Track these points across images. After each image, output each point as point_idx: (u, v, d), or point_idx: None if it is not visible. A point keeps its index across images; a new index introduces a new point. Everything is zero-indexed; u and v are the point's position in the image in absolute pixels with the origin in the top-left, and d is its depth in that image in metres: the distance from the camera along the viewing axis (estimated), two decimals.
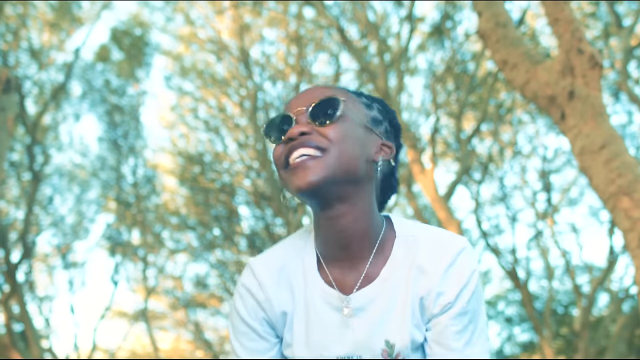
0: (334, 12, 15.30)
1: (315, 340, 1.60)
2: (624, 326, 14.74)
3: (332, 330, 1.59)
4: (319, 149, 1.50)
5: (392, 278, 1.59)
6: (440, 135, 16.97)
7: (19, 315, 15.42)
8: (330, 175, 1.49)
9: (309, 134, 1.52)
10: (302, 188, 1.48)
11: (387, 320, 1.57)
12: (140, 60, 19.68)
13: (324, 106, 1.55)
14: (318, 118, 1.54)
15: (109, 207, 21.04)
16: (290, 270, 1.65)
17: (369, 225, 1.58)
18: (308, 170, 1.48)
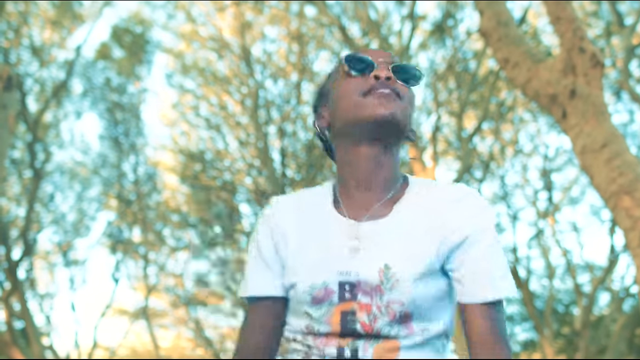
0: (335, 10, 15.31)
1: (317, 257, 1.66)
2: (624, 325, 14.74)
3: (335, 251, 1.64)
4: (398, 95, 1.66)
5: (403, 212, 1.67)
6: (442, 133, 16.97)
7: (19, 313, 15.44)
8: (402, 119, 1.66)
9: (393, 82, 1.67)
10: (386, 115, 1.62)
11: (393, 248, 1.62)
12: (141, 57, 19.68)
13: (405, 69, 1.71)
14: (398, 75, 1.69)
15: (110, 204, 21.05)
16: (306, 204, 1.76)
17: (392, 175, 1.71)
18: (394, 104, 1.64)
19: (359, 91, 1.65)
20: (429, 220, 1.65)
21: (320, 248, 1.66)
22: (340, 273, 1.61)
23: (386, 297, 1.57)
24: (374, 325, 1.57)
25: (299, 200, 1.78)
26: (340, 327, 1.58)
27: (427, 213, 1.66)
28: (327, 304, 1.60)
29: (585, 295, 17.61)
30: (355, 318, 1.58)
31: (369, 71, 1.67)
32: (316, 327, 1.61)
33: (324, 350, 1.60)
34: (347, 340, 1.59)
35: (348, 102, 1.67)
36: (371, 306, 1.58)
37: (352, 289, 1.59)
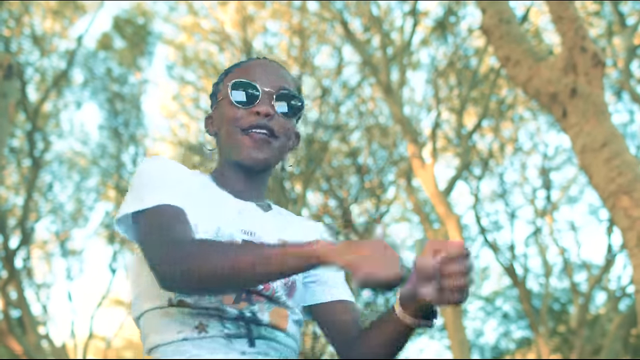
0: (337, 5, 15.29)
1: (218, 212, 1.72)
2: (620, 325, 14.76)
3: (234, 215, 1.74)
4: (273, 134, 1.76)
5: (280, 214, 1.88)
6: (441, 130, 16.97)
7: (16, 302, 15.45)
8: (275, 157, 1.80)
9: (272, 119, 1.76)
10: (258, 160, 1.75)
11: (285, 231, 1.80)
12: (142, 49, 19.66)
13: (288, 98, 1.80)
14: (280, 105, 1.79)
15: (108, 195, 21.05)
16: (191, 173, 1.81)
17: (263, 192, 1.87)
18: (267, 150, 1.76)
19: (238, 126, 1.76)
20: (299, 228, 1.86)
21: (217, 206, 1.74)
22: (244, 232, 1.71)
23: None
24: (270, 284, 1.66)
25: (184, 167, 1.81)
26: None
27: (296, 223, 1.88)
28: None
29: (582, 294, 17.64)
30: None
31: (252, 102, 1.77)
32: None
33: (223, 310, 1.60)
34: (243, 304, 1.62)
35: (227, 134, 1.79)
36: None
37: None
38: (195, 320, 1.60)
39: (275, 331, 1.66)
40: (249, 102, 1.77)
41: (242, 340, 1.60)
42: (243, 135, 1.76)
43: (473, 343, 23.64)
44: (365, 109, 17.75)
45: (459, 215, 14.25)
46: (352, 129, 17.67)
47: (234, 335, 1.60)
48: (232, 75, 1.83)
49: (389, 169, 18.19)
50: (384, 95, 14.28)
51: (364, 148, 17.81)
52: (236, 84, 1.78)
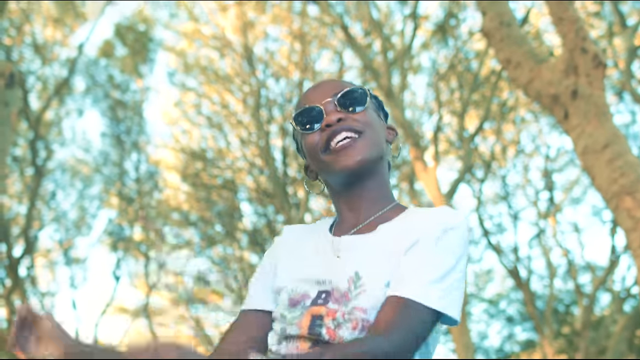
0: (337, 9, 15.30)
1: (302, 269, 1.74)
2: (625, 326, 14.74)
3: (317, 263, 1.72)
4: (357, 131, 1.70)
5: (385, 231, 1.70)
6: (443, 133, 16.97)
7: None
8: (370, 154, 1.71)
9: (345, 120, 1.71)
10: (352, 166, 1.68)
11: (366, 259, 1.65)
12: (143, 56, 19.69)
13: (350, 96, 1.75)
14: (346, 106, 1.73)
15: (111, 202, 21.06)
16: (310, 229, 1.86)
17: (380, 194, 1.78)
18: (355, 150, 1.69)
19: (319, 149, 1.73)
20: (406, 237, 1.64)
21: (306, 262, 1.75)
22: (318, 282, 1.68)
23: (351, 303, 1.60)
24: (337, 332, 1.58)
25: (307, 227, 1.87)
26: (307, 330, 1.61)
27: (406, 232, 1.66)
28: (300, 307, 1.66)
29: (586, 296, 17.61)
30: (322, 323, 1.60)
31: (320, 120, 1.73)
32: (288, 330, 1.65)
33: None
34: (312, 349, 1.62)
35: (315, 162, 1.77)
36: (336, 312, 1.60)
37: (326, 296, 1.64)
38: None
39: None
40: (317, 122, 1.74)
41: None
42: (327, 154, 1.72)
43: (478, 346, 23.60)
44: None
45: None
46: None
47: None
48: (294, 111, 1.82)
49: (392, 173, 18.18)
50: (385, 99, 14.27)
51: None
52: (297, 115, 1.77)
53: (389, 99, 13.72)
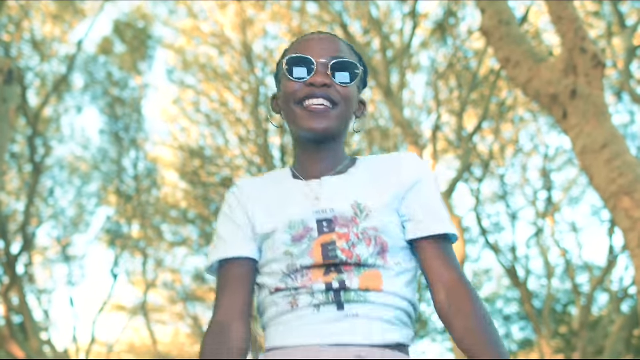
0: (337, 7, 15.29)
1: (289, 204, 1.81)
2: (622, 326, 14.74)
3: (305, 199, 1.81)
4: (333, 102, 1.82)
5: (358, 172, 1.87)
6: (442, 132, 16.96)
7: (18, 307, 15.44)
8: (337, 125, 1.84)
9: (329, 87, 1.81)
10: (315, 130, 1.81)
11: (358, 189, 1.80)
12: (142, 53, 19.68)
13: (344, 67, 1.85)
14: (337, 74, 1.83)
15: (109, 200, 21.05)
16: (268, 179, 1.95)
17: (340, 155, 1.91)
18: (325, 118, 1.81)
19: (295, 99, 1.83)
20: (382, 174, 1.85)
21: (289, 200, 1.82)
22: (316, 212, 1.76)
23: (361, 225, 1.73)
24: (353, 251, 1.70)
25: (261, 179, 1.96)
26: (322, 257, 1.70)
27: (379, 170, 1.86)
28: (307, 240, 1.73)
29: (584, 296, 17.63)
30: (335, 247, 1.71)
31: (309, 74, 1.83)
32: (298, 263, 1.71)
33: (312, 288, 1.69)
34: (332, 275, 1.69)
35: (287, 107, 1.87)
36: (349, 234, 1.72)
37: (329, 224, 1.74)
38: (289, 299, 1.71)
39: (368, 293, 1.69)
40: (304, 74, 1.83)
41: (331, 307, 1.67)
42: (300, 108, 1.83)
43: None
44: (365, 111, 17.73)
45: (461, 217, 14.23)
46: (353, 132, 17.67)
47: (323, 303, 1.68)
48: (289, 52, 1.91)
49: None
50: (384, 98, 14.27)
51: (365, 151, 17.79)
52: (291, 59, 1.85)
53: (388, 98, 13.72)
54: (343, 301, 1.68)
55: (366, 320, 1.67)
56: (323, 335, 1.65)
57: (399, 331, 1.71)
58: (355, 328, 1.65)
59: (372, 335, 1.66)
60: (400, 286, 1.73)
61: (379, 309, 1.69)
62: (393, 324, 1.71)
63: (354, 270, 1.70)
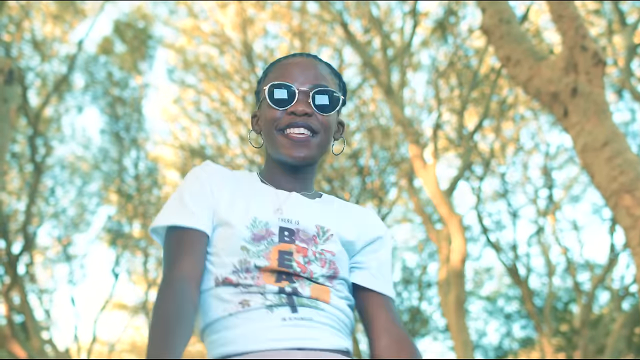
0: (337, 6, 15.29)
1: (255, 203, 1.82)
2: (623, 324, 14.74)
3: (272, 204, 1.83)
4: (313, 131, 1.86)
5: (326, 202, 1.94)
6: (443, 130, 16.96)
7: (19, 307, 15.46)
8: (316, 153, 1.88)
9: (310, 116, 1.85)
10: (298, 158, 1.85)
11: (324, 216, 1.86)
12: (143, 52, 19.68)
13: (325, 96, 1.88)
14: (316, 104, 1.86)
15: (110, 199, 21.06)
16: (235, 174, 1.95)
17: (311, 179, 1.97)
18: (305, 147, 1.85)
19: (276, 126, 1.87)
20: (347, 214, 1.92)
21: (256, 200, 1.84)
22: (281, 219, 1.80)
23: (320, 246, 1.78)
24: (307, 267, 1.74)
25: (229, 171, 1.96)
26: (277, 263, 1.72)
27: (345, 210, 1.94)
28: (266, 242, 1.75)
29: (585, 294, 17.63)
30: (292, 257, 1.74)
31: (290, 102, 1.86)
32: (252, 262, 1.71)
33: (264, 288, 1.70)
34: (284, 282, 1.71)
35: (267, 133, 1.91)
36: (307, 250, 1.76)
37: (291, 234, 1.78)
38: (239, 298, 1.70)
39: (319, 302, 1.73)
40: (286, 102, 1.86)
41: (285, 308, 1.69)
42: (281, 136, 1.87)
43: (476, 344, 23.62)
44: (366, 110, 17.75)
45: (461, 215, 14.22)
46: (354, 131, 17.67)
47: (276, 305, 1.69)
48: (271, 75, 1.93)
49: (391, 170, 18.20)
50: (384, 96, 14.27)
51: (366, 149, 17.80)
52: (273, 85, 1.88)
53: (389, 96, 13.72)
54: (296, 304, 1.70)
55: (320, 325, 1.71)
56: (284, 339, 1.65)
57: (345, 340, 1.77)
58: (313, 332, 1.68)
59: (329, 340, 1.70)
60: (343, 304, 1.79)
61: (329, 317, 1.74)
62: (342, 332, 1.76)
63: (305, 281, 1.73)
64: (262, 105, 1.94)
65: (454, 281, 12.90)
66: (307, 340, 1.66)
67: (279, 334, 1.65)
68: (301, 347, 1.65)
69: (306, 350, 1.65)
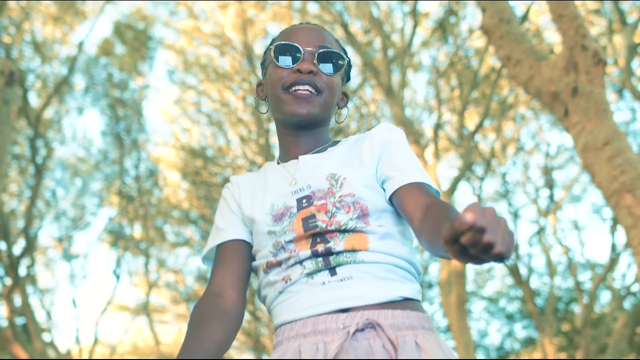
0: (337, 7, 15.29)
1: (270, 190, 1.89)
2: (625, 324, 14.73)
3: (284, 182, 1.88)
4: (318, 90, 1.90)
5: (335, 151, 1.93)
6: (443, 131, 16.96)
7: (20, 309, 15.45)
8: (320, 112, 1.91)
9: (315, 74, 1.90)
10: (302, 115, 1.89)
11: (332, 163, 1.87)
12: (143, 54, 19.68)
13: (330, 57, 1.93)
14: (323, 63, 1.92)
15: (111, 200, 21.06)
16: (257, 172, 2.03)
17: (323, 137, 1.99)
18: (309, 104, 1.89)
19: (281, 84, 1.91)
20: (357, 145, 1.92)
21: (269, 185, 1.91)
22: (294, 192, 1.84)
23: (338, 194, 1.78)
24: (333, 220, 1.74)
25: (253, 172, 2.05)
26: (303, 229, 1.75)
27: (354, 143, 1.94)
28: (287, 217, 1.79)
29: (586, 293, 17.61)
30: (315, 218, 1.75)
31: (295, 62, 1.91)
32: (282, 239, 1.77)
33: (299, 256, 1.73)
34: (317, 244, 1.73)
35: (272, 93, 1.95)
36: (327, 204, 1.77)
37: (308, 199, 1.81)
38: (281, 275, 1.76)
39: (356, 253, 1.71)
40: (292, 62, 1.92)
41: (323, 272, 1.70)
42: (286, 94, 1.91)
43: (478, 344, 23.62)
44: (366, 110, 17.75)
45: None
46: (354, 131, 17.68)
47: (314, 271, 1.71)
48: (277, 40, 1.98)
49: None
50: (385, 97, 14.27)
51: None
52: (279, 46, 1.93)
53: (389, 97, 13.72)
54: (333, 265, 1.69)
55: (363, 280, 1.67)
56: (325, 303, 1.65)
57: (400, 286, 1.70)
58: (354, 290, 1.65)
59: (374, 294, 1.65)
60: (388, 246, 1.73)
61: (373, 267, 1.69)
62: (392, 279, 1.70)
63: (338, 235, 1.73)
64: (268, 69, 2.00)
65: (455, 281, 12.89)
66: (348, 299, 1.64)
67: (320, 298, 1.67)
68: (345, 308, 1.64)
69: (351, 310, 1.63)
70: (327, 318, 1.62)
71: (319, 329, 1.62)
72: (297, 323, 1.67)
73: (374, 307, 1.63)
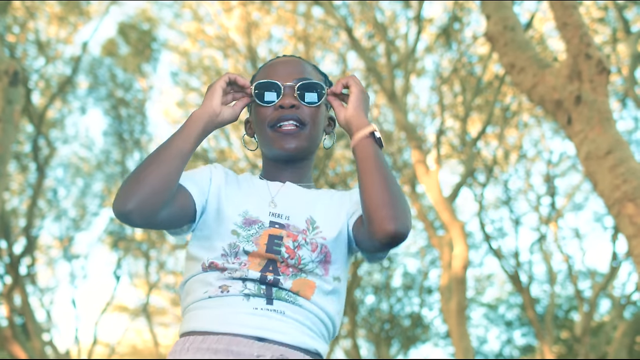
0: (342, 12, 15.30)
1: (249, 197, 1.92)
2: (625, 332, 14.71)
3: (265, 199, 1.92)
4: (301, 123, 1.94)
5: (321, 196, 1.98)
6: (446, 137, 16.96)
7: (20, 308, 15.45)
8: (306, 145, 1.96)
9: (297, 108, 1.93)
10: (290, 149, 1.94)
11: (316, 209, 1.91)
12: (147, 55, 19.69)
13: (309, 88, 1.95)
14: (302, 96, 1.94)
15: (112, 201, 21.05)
16: (239, 176, 2.06)
17: (308, 175, 2.04)
18: (295, 139, 1.93)
19: (267, 123, 1.95)
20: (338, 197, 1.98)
21: (250, 194, 1.94)
22: (272, 214, 1.88)
23: (310, 235, 1.83)
24: (296, 253, 1.78)
25: (233, 173, 2.07)
26: (265, 248, 1.78)
27: (334, 200, 1.97)
28: (257, 227, 1.82)
29: (587, 302, 17.59)
30: (282, 242, 1.79)
31: (277, 98, 1.94)
32: (242, 246, 1.78)
33: (247, 274, 1.75)
34: (269, 273, 1.76)
35: (259, 131, 2.00)
36: (297, 235, 1.82)
37: (281, 226, 1.85)
38: (220, 282, 1.77)
39: (298, 298, 1.77)
40: (275, 98, 1.94)
41: (260, 299, 1.74)
42: (272, 131, 1.95)
43: (477, 350, 23.59)
44: (369, 115, 17.73)
45: (464, 222, 14.21)
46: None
47: (253, 294, 1.74)
48: (257, 78, 2.01)
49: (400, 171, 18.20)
50: (388, 102, 14.27)
51: None
52: (259, 85, 1.95)
53: (392, 102, 13.72)
54: (273, 297, 1.74)
55: (292, 321, 1.73)
56: (248, 326, 1.69)
57: (319, 341, 1.79)
58: (281, 326, 1.71)
59: (296, 337, 1.72)
60: (327, 302, 1.81)
61: (306, 315, 1.77)
62: (315, 333, 1.79)
63: (291, 274, 1.77)
64: (252, 107, 2.03)
65: (455, 287, 12.88)
66: (271, 332, 1.70)
67: (245, 320, 1.70)
68: (263, 338, 1.69)
69: (267, 341, 1.69)
70: (243, 341, 1.67)
71: (232, 349, 1.66)
72: (210, 337, 1.69)
73: (290, 347, 1.70)
